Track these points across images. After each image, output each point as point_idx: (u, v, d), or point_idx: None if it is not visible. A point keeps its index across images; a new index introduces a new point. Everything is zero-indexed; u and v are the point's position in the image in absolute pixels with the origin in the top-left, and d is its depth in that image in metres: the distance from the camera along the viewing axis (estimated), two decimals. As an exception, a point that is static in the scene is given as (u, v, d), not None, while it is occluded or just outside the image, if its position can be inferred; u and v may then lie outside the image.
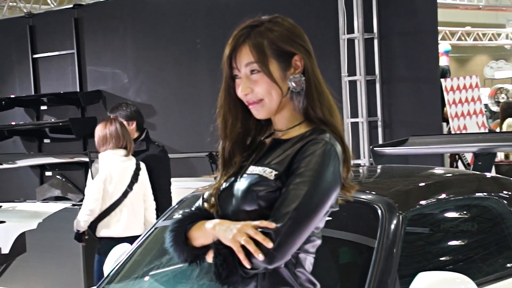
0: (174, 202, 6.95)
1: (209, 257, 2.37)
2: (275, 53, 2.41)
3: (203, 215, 2.47)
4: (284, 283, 2.35)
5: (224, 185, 2.48)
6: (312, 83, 2.44)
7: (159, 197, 6.61)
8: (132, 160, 6.36)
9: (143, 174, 6.55)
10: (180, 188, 6.86)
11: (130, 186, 6.40)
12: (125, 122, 6.61)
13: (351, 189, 2.48)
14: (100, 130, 6.32)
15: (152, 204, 6.63)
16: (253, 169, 2.44)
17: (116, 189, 6.28)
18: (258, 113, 2.44)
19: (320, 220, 2.36)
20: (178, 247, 2.43)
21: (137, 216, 6.51)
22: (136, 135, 6.74)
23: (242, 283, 2.33)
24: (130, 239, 6.64)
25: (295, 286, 2.36)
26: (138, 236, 6.68)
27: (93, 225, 6.34)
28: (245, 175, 2.44)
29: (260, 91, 2.41)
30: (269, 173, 2.39)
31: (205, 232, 2.38)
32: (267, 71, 2.40)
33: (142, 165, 6.53)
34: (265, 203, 2.35)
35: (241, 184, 2.43)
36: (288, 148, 2.41)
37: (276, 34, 2.42)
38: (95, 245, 6.83)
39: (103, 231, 6.35)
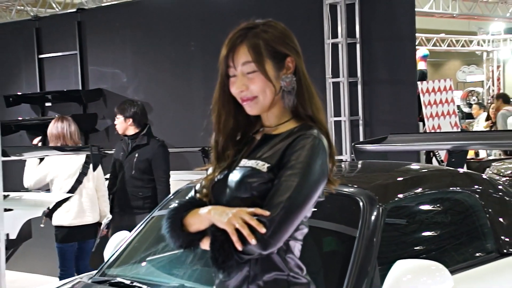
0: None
1: (204, 244, 2.36)
2: (270, 54, 2.41)
3: (197, 204, 2.47)
4: (275, 268, 2.36)
5: (218, 177, 2.48)
6: (303, 83, 2.46)
7: (157, 187, 6.67)
8: (81, 156, 6.71)
9: (77, 164, 6.94)
10: (175, 180, 6.85)
11: (78, 180, 6.81)
12: (123, 119, 6.85)
13: (335, 183, 2.50)
14: (50, 128, 6.82)
15: (105, 194, 7.00)
16: (245, 162, 2.45)
17: (65, 183, 6.69)
18: (252, 109, 2.45)
19: (310, 209, 2.37)
20: (174, 233, 2.42)
21: (88, 206, 6.80)
22: (133, 130, 6.89)
23: (236, 268, 2.34)
24: (84, 228, 6.75)
25: (285, 271, 2.37)
26: (92, 224, 6.78)
27: (50, 214, 6.60)
28: (238, 168, 2.45)
29: (255, 88, 2.41)
30: (262, 165, 2.40)
31: (200, 218, 2.38)
32: (263, 70, 2.40)
33: (77, 158, 6.93)
34: (258, 193, 2.36)
35: (234, 176, 2.43)
36: (279, 143, 2.41)
37: (270, 36, 2.43)
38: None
39: (56, 220, 6.77)
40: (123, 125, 6.99)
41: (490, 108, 14.04)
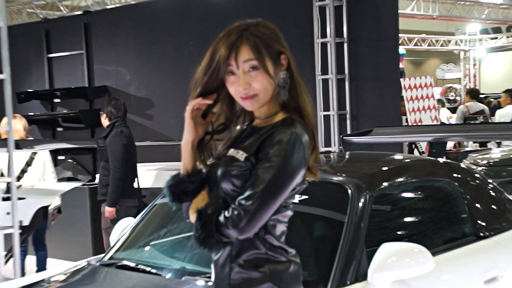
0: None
1: (192, 219, 2.41)
2: (268, 52, 2.39)
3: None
4: (254, 247, 2.36)
5: (211, 164, 2.50)
6: (295, 79, 2.44)
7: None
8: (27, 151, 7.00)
9: (39, 158, 7.25)
10: (174, 169, 6.84)
11: (23, 171, 7.05)
12: (103, 114, 7.19)
13: (316, 173, 2.49)
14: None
15: (48, 179, 7.26)
16: (231, 152, 2.44)
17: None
18: (252, 106, 2.42)
19: (284, 198, 2.36)
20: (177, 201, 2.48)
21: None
22: (106, 124, 7.13)
23: (218, 247, 2.36)
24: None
25: (264, 250, 2.37)
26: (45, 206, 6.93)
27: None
28: (225, 157, 2.45)
29: (257, 86, 2.38)
30: (241, 155, 2.39)
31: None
32: (265, 67, 2.37)
33: (40, 153, 7.23)
34: (238, 181, 2.35)
35: (220, 164, 2.43)
36: (261, 135, 2.39)
37: (266, 35, 2.40)
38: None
39: None
40: (102, 120, 7.22)
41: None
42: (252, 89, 2.38)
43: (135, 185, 7.16)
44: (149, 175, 7.85)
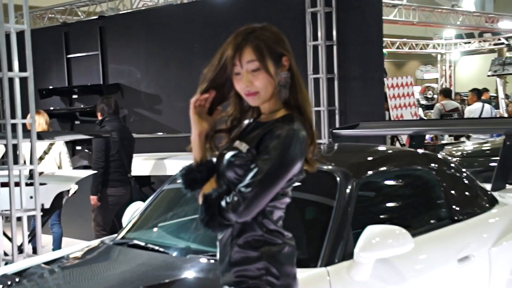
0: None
1: (200, 201, 2.42)
2: (270, 54, 2.39)
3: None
4: (251, 230, 2.38)
5: (220, 154, 2.50)
6: (296, 79, 2.45)
7: None
8: (46, 142, 7.11)
9: (55, 148, 7.40)
10: (182, 159, 6.86)
11: (40, 158, 7.20)
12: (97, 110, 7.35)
13: (314, 165, 2.48)
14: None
15: (65, 167, 7.41)
16: (236, 143, 2.45)
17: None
18: (254, 102, 2.43)
19: (281, 187, 2.36)
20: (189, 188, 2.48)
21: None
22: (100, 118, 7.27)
23: (221, 228, 2.37)
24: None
25: (260, 232, 2.38)
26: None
27: None
28: (231, 148, 2.45)
29: (258, 85, 2.39)
30: (244, 146, 2.40)
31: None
32: (266, 68, 2.38)
33: (57, 143, 7.35)
34: (240, 170, 2.36)
35: (227, 155, 2.44)
36: (263, 130, 2.40)
37: (269, 38, 2.41)
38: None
39: None
40: (98, 116, 7.35)
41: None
42: (254, 87, 2.39)
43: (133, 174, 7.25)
44: (158, 164, 7.85)
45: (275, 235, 2.40)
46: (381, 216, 3.81)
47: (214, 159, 2.51)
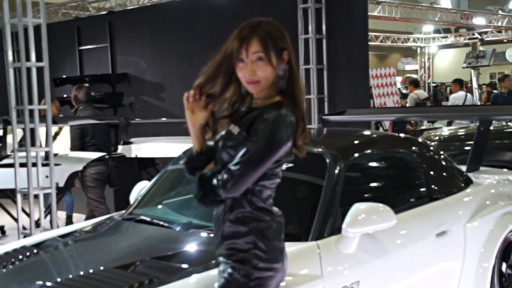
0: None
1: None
2: (274, 47, 2.37)
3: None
4: (241, 207, 2.38)
5: (218, 137, 2.49)
6: (293, 73, 2.43)
7: None
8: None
9: (63, 132, 7.49)
10: (183, 143, 6.86)
11: (54, 137, 7.18)
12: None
13: (303, 151, 2.46)
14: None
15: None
16: (230, 127, 2.44)
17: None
18: (254, 89, 2.42)
19: (268, 168, 2.35)
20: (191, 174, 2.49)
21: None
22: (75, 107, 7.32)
23: (213, 204, 2.39)
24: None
25: (249, 209, 2.38)
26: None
27: None
28: (226, 131, 2.45)
29: (260, 74, 2.37)
30: (236, 129, 2.40)
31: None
32: (269, 59, 2.36)
33: (65, 128, 7.39)
34: (233, 151, 2.36)
35: (222, 137, 2.44)
36: (255, 114, 2.38)
37: (274, 33, 2.39)
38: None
39: None
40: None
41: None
42: (256, 76, 2.37)
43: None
44: (161, 147, 7.84)
45: (264, 212, 2.40)
46: (367, 195, 3.80)
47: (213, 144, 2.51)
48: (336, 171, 3.47)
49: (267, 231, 2.38)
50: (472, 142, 5.31)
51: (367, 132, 4.57)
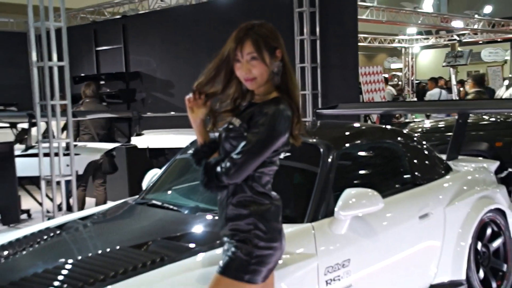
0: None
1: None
2: (266, 47, 2.37)
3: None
4: (242, 191, 2.38)
5: (221, 129, 2.50)
6: (287, 69, 2.43)
7: None
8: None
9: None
10: (190, 134, 6.84)
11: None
12: None
13: (299, 140, 2.46)
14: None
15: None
16: (232, 120, 2.45)
17: None
18: (252, 86, 2.42)
19: (267, 156, 2.35)
20: (199, 165, 2.47)
21: None
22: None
23: (217, 189, 2.38)
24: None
25: (249, 194, 2.38)
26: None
27: None
28: (228, 123, 2.46)
29: (256, 72, 2.38)
30: (238, 122, 2.40)
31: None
32: (263, 59, 2.37)
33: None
34: (234, 141, 2.37)
35: (225, 129, 2.45)
36: (255, 109, 2.39)
37: (266, 34, 2.40)
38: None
39: None
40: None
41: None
42: (252, 74, 2.38)
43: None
44: (170, 138, 7.84)
45: (263, 196, 2.40)
46: (357, 181, 3.78)
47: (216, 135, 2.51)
48: (329, 160, 3.46)
49: (266, 213, 2.39)
50: (451, 134, 5.30)
51: (357, 124, 4.56)
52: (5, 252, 3.14)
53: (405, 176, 4.09)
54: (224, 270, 2.37)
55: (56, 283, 2.63)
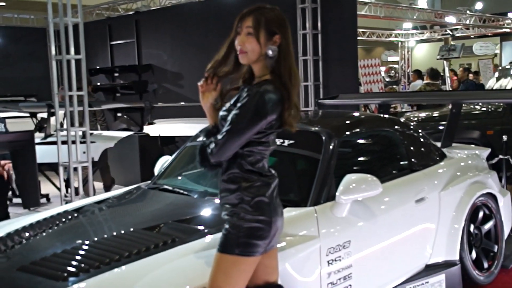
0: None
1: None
2: (265, 28, 2.36)
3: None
4: (232, 168, 2.37)
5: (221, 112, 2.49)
6: (282, 55, 2.38)
7: None
8: None
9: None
10: (199, 123, 6.84)
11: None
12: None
13: (294, 125, 2.39)
14: None
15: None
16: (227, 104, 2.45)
17: None
18: (242, 60, 2.40)
19: (249, 136, 2.31)
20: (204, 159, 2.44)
21: None
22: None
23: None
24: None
25: (239, 171, 2.37)
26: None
27: None
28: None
29: (248, 47, 2.37)
30: (228, 104, 2.41)
31: None
32: (257, 36, 2.35)
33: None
34: (225, 122, 2.36)
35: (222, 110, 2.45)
36: (242, 90, 2.39)
37: (271, 17, 2.38)
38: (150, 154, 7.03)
39: None
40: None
41: None
42: (244, 47, 2.37)
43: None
44: (180, 127, 7.84)
45: (252, 173, 2.37)
46: (357, 167, 3.77)
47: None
48: (331, 147, 3.44)
49: (251, 188, 2.35)
50: (445, 122, 5.27)
51: (356, 114, 4.53)
52: (26, 234, 3.13)
53: (402, 163, 4.06)
54: (220, 247, 2.39)
55: (74, 263, 2.63)
